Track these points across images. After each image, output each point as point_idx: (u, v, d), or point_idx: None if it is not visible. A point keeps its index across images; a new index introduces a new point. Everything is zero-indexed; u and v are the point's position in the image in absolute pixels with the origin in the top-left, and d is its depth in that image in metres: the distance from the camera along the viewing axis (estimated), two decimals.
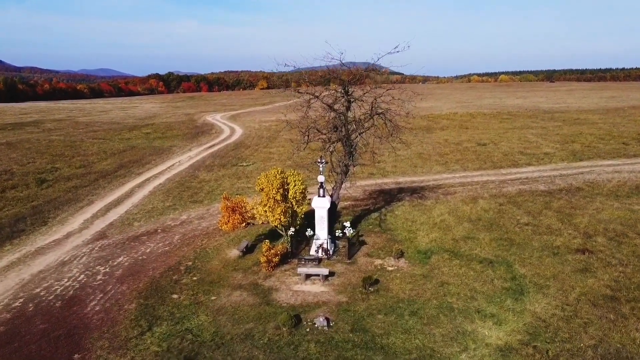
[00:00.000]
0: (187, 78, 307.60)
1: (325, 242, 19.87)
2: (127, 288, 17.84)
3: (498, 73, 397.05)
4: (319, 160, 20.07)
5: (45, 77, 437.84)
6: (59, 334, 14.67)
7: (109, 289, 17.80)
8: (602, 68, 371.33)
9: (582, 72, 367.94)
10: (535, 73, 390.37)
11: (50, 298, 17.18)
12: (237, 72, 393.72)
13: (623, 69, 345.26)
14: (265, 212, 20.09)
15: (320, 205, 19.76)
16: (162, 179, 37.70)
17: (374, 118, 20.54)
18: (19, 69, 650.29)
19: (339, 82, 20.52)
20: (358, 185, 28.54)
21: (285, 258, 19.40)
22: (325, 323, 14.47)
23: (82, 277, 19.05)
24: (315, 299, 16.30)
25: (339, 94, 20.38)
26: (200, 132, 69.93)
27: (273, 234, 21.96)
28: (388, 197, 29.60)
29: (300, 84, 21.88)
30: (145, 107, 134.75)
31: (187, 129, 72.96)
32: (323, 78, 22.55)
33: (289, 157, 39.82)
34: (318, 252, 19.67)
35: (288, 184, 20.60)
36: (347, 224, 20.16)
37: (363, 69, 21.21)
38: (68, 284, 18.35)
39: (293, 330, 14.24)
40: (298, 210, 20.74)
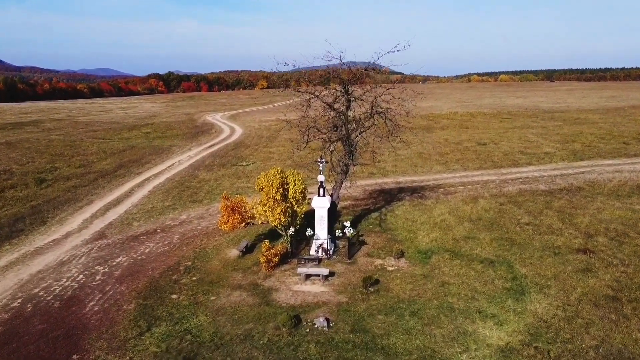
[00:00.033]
0: (187, 78, 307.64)
1: (325, 242, 19.78)
2: (126, 288, 17.76)
3: (498, 73, 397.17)
4: (319, 160, 19.98)
5: (45, 76, 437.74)
6: (58, 335, 14.59)
7: (108, 289, 17.72)
8: (602, 68, 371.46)
9: (582, 71, 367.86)
10: (535, 73, 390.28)
11: (49, 298, 17.10)
12: (237, 71, 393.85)
13: (623, 69, 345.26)
14: (265, 211, 20.01)
15: (320, 205, 19.67)
16: (161, 179, 37.62)
17: (374, 117, 20.44)
18: (19, 69, 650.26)
19: (339, 81, 20.43)
20: (358, 185, 28.45)
21: (285, 258, 19.31)
22: (325, 323, 14.39)
23: (81, 277, 18.97)
24: (315, 299, 16.21)
25: (339, 93, 20.29)
26: (200, 131, 69.85)
27: (273, 234, 21.87)
28: (388, 196, 29.51)
29: (300, 84, 21.79)
30: (145, 106, 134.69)
31: (187, 129, 72.89)
32: (323, 77, 22.47)
33: (289, 156, 39.72)
34: (318, 252, 19.59)
35: (288, 184, 20.52)
36: (347, 224, 20.06)
37: (363, 68, 21.12)
38: (67, 284, 18.26)
39: (293, 331, 14.15)
40: (298, 210, 20.65)
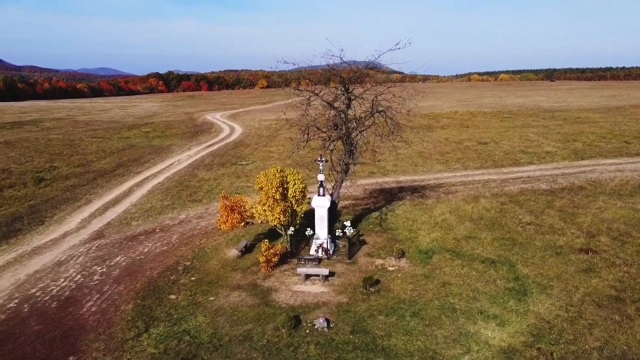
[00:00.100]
0: (187, 77, 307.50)
1: (325, 241, 19.61)
2: (124, 288, 17.58)
3: (498, 72, 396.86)
4: (319, 159, 19.81)
5: (45, 76, 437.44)
6: (54, 336, 14.41)
7: (106, 290, 17.54)
8: (602, 67, 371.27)
9: (582, 71, 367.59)
10: (536, 72, 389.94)
11: (46, 299, 16.92)
12: (237, 71, 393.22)
13: (623, 68, 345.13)
14: (265, 211, 19.85)
15: (320, 205, 19.49)
16: (161, 178, 37.46)
17: (375, 116, 20.27)
18: (19, 68, 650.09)
19: (339, 80, 20.25)
20: (358, 184, 28.28)
21: (285, 258, 19.14)
22: (325, 324, 14.22)
23: (78, 277, 18.80)
24: (315, 300, 16.04)
25: (339, 92, 20.12)
26: (200, 131, 69.69)
27: (272, 234, 21.69)
28: (389, 196, 29.34)
29: (300, 82, 21.62)
30: (145, 106, 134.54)
31: (186, 128, 72.72)
32: (323, 77, 22.29)
33: (289, 155, 39.55)
34: (318, 251, 19.42)
35: (287, 183, 20.35)
36: (347, 224, 19.88)
37: (363, 67, 20.95)
38: (64, 284, 18.09)
39: (292, 332, 13.98)
40: (298, 210, 20.49)
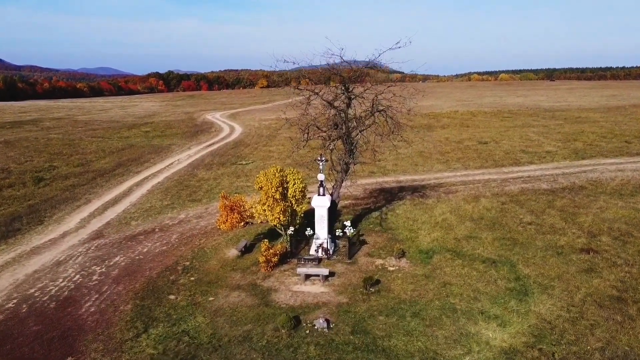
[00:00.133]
0: (187, 77, 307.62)
1: (325, 241, 19.52)
2: (123, 288, 17.49)
3: (498, 72, 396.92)
4: (319, 159, 19.72)
5: (45, 75, 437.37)
6: (53, 336, 14.32)
7: (105, 290, 17.45)
8: (602, 67, 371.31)
9: (582, 70, 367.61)
10: (536, 72, 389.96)
11: (45, 299, 16.83)
12: (237, 70, 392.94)
13: (623, 68, 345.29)
14: (264, 211, 19.76)
15: (320, 204, 19.40)
16: (160, 178, 37.37)
17: (375, 115, 20.18)
18: (19, 68, 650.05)
19: (339, 79, 20.16)
20: (358, 184, 28.18)
21: (285, 258, 19.05)
22: (325, 325, 14.13)
23: (77, 277, 18.71)
24: (315, 300, 15.95)
25: (340, 91, 20.03)
26: (200, 130, 69.60)
27: (272, 234, 21.59)
28: (389, 195, 29.25)
29: (300, 82, 21.53)
30: (145, 105, 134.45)
31: (186, 128, 72.64)
32: (323, 77, 22.19)
33: (289, 155, 39.46)
34: (318, 251, 19.33)
35: (287, 183, 20.26)
36: (347, 223, 19.78)
37: (363, 66, 20.86)
38: (63, 285, 18.00)
39: (292, 332, 13.89)
40: (297, 209, 20.40)
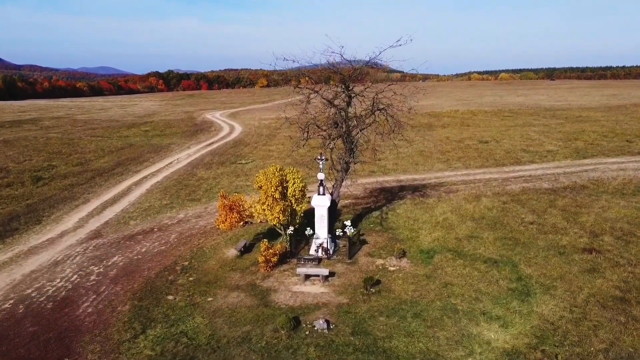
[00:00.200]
0: (187, 76, 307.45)
1: (325, 241, 19.35)
2: (121, 289, 17.33)
3: (498, 71, 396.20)
4: (319, 158, 19.54)
5: (45, 75, 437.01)
6: (49, 337, 14.16)
7: (103, 290, 17.28)
8: (602, 66, 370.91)
9: (582, 70, 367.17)
10: (536, 71, 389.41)
11: (42, 299, 16.67)
12: (237, 70, 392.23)
13: (624, 67, 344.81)
14: (264, 210, 19.58)
15: (320, 204, 19.23)
16: (159, 177, 37.19)
17: (376, 114, 20.00)
18: (19, 67, 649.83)
19: (340, 77, 19.96)
20: (359, 183, 28.00)
21: (284, 258, 18.88)
22: (325, 325, 13.96)
23: (75, 277, 18.54)
24: (315, 301, 15.78)
25: (340, 89, 19.84)
26: (200, 129, 69.39)
27: (272, 233, 21.42)
28: (389, 195, 29.07)
29: (300, 80, 21.35)
30: (145, 105, 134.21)
31: (186, 127, 72.42)
32: (323, 76, 21.98)
33: (289, 154, 39.31)
34: (318, 251, 19.16)
35: (287, 182, 20.09)
36: (347, 223, 19.61)
37: (364, 64, 20.64)
38: (60, 285, 17.83)
39: (292, 333, 13.73)
40: (297, 209, 20.23)
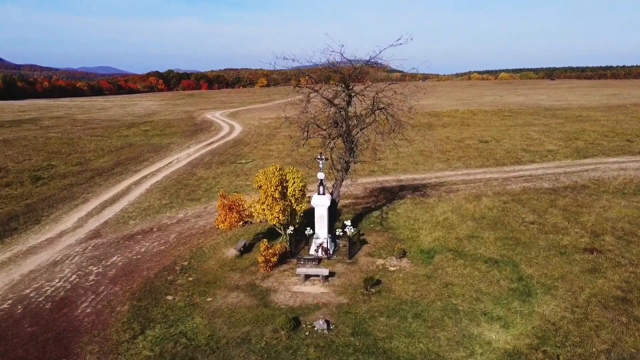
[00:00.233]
0: (187, 76, 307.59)
1: (325, 241, 19.26)
2: (120, 289, 17.23)
3: (498, 71, 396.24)
4: (319, 157, 19.45)
5: (45, 74, 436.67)
6: (47, 338, 14.07)
7: (101, 290, 17.19)
8: (602, 66, 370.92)
9: (582, 69, 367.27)
10: (536, 71, 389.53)
11: (40, 299, 16.57)
12: (237, 69, 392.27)
13: (624, 67, 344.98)
14: (264, 210, 19.50)
15: (320, 203, 19.14)
16: (159, 177, 37.10)
17: (376, 113, 19.90)
18: (19, 67, 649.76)
19: (340, 76, 19.85)
20: (359, 183, 27.90)
21: (284, 258, 18.79)
22: (325, 326, 13.87)
23: (73, 277, 18.44)
24: (315, 301, 15.69)
25: (340, 89, 19.74)
26: (199, 129, 69.29)
27: (271, 233, 21.33)
28: (389, 194, 28.98)
29: (300, 80, 21.24)
30: (145, 104, 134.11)
31: (186, 127, 72.32)
32: (323, 76, 21.87)
33: (288, 154, 39.20)
34: (318, 251, 19.07)
35: (287, 182, 20.00)
36: (347, 223, 19.52)
37: (364, 64, 20.53)
38: (59, 285, 17.74)
39: (291, 334, 13.64)
40: (297, 209, 20.14)
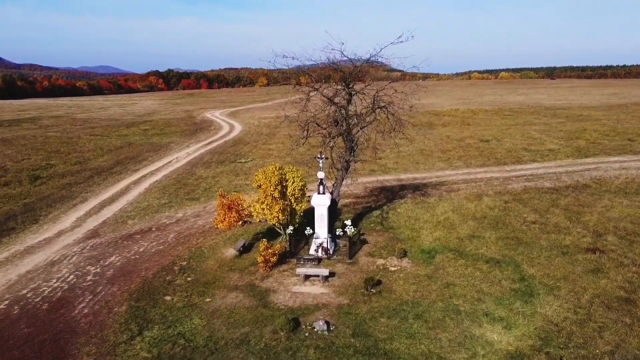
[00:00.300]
0: (186, 75, 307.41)
1: (325, 241, 19.10)
2: (117, 289, 17.07)
3: (498, 70, 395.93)
4: (319, 156, 19.28)
5: (45, 74, 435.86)
6: (44, 339, 13.91)
7: (99, 291, 17.03)
8: (602, 65, 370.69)
9: (582, 69, 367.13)
10: (536, 70, 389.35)
11: (37, 300, 16.41)
12: (237, 69, 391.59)
13: (624, 66, 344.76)
14: (263, 209, 19.34)
15: (320, 203, 18.97)
16: (158, 176, 36.93)
17: (376, 112, 19.73)
18: (19, 66, 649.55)
19: (340, 75, 19.68)
20: (359, 182, 27.75)
21: (284, 258, 18.62)
22: (325, 327, 13.71)
23: (71, 277, 18.28)
24: (315, 301, 15.53)
25: (340, 87, 19.56)
26: (199, 128, 69.13)
27: (271, 233, 21.17)
28: (390, 194, 28.81)
29: (300, 78, 21.07)
30: (145, 104, 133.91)
31: (185, 126, 72.15)
32: (323, 74, 21.70)
33: (288, 153, 39.03)
34: (318, 251, 18.90)
35: (286, 181, 19.84)
36: (347, 222, 19.36)
37: (364, 62, 20.35)
38: (56, 285, 17.57)
39: (291, 335, 13.47)
40: (297, 208, 19.98)
